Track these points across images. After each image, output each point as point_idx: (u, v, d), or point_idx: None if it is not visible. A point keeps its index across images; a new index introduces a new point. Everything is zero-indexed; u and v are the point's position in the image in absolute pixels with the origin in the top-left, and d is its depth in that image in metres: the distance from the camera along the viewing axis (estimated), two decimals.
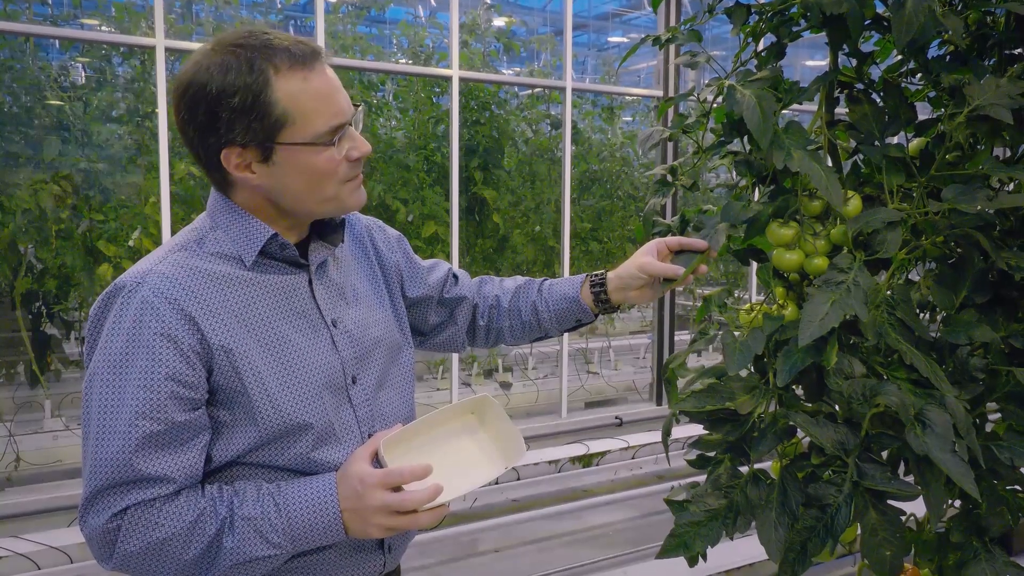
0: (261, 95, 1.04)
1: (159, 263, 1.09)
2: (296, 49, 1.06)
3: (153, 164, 3.93)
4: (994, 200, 1.12)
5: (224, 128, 1.05)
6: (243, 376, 1.08)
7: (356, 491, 1.07)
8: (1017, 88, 1.12)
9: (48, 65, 4.02)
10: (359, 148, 1.13)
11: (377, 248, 1.35)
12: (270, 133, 1.05)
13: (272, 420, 1.09)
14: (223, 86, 1.03)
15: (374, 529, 1.08)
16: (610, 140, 5.76)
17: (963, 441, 1.04)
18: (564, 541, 3.65)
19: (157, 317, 1.04)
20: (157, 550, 1.03)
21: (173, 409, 1.03)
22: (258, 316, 1.11)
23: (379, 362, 1.25)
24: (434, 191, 4.79)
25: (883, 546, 1.06)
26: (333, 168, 1.10)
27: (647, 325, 6.86)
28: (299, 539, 1.07)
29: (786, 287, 1.31)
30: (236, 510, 1.06)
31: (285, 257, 1.15)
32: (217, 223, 1.14)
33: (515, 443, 1.21)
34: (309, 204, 1.13)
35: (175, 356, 1.04)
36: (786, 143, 1.15)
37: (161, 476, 1.03)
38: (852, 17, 1.16)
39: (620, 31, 9.59)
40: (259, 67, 1.04)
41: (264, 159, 1.07)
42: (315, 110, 1.06)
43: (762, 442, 1.16)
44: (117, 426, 1.02)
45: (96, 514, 1.03)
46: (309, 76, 1.06)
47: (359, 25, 5.06)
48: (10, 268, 3.87)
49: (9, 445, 3.82)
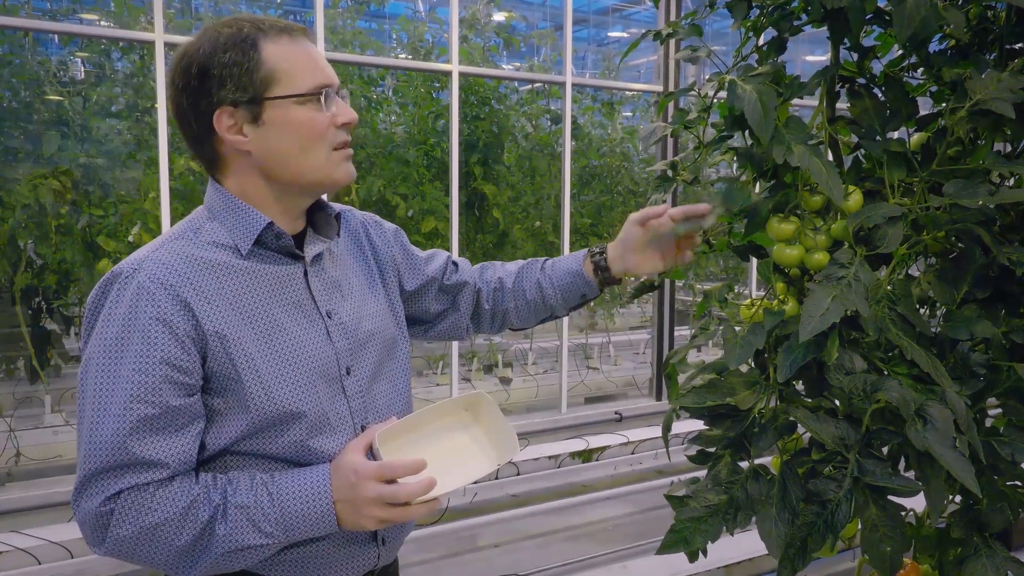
0: (251, 51, 1.10)
1: (156, 251, 1.10)
2: (282, 23, 1.14)
3: (153, 159, 3.93)
4: (995, 195, 1.12)
5: (216, 86, 1.10)
6: (236, 362, 1.08)
7: (350, 482, 1.08)
8: (1018, 82, 1.12)
9: (47, 60, 4.01)
10: (345, 114, 1.15)
11: (372, 243, 1.35)
12: (260, 89, 1.10)
13: (265, 407, 1.09)
14: (215, 47, 1.10)
15: (367, 520, 1.09)
16: (610, 135, 5.75)
17: (964, 437, 1.04)
18: (564, 536, 3.66)
19: (153, 302, 1.05)
20: (149, 535, 1.03)
21: (168, 393, 1.04)
22: (253, 304, 1.12)
23: (373, 355, 1.25)
24: (434, 186, 4.78)
25: (883, 542, 1.06)
26: (322, 129, 1.13)
27: (647, 320, 6.86)
28: (292, 529, 1.08)
29: (787, 282, 1.31)
30: (230, 498, 1.06)
31: (281, 247, 1.16)
32: (214, 214, 1.16)
33: (509, 440, 1.21)
34: (300, 170, 1.14)
35: (170, 340, 1.05)
36: (787, 138, 1.15)
37: (155, 460, 1.04)
38: (853, 11, 1.16)
39: (620, 26, 9.58)
40: (248, 31, 1.11)
41: (254, 119, 1.11)
42: (301, 68, 1.12)
43: (762, 438, 1.16)
44: (112, 409, 1.03)
45: (89, 497, 1.04)
46: (292, 41, 1.13)
47: (359, 20, 5.05)
48: (10, 263, 3.87)
49: (9, 440, 3.83)
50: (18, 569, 2.81)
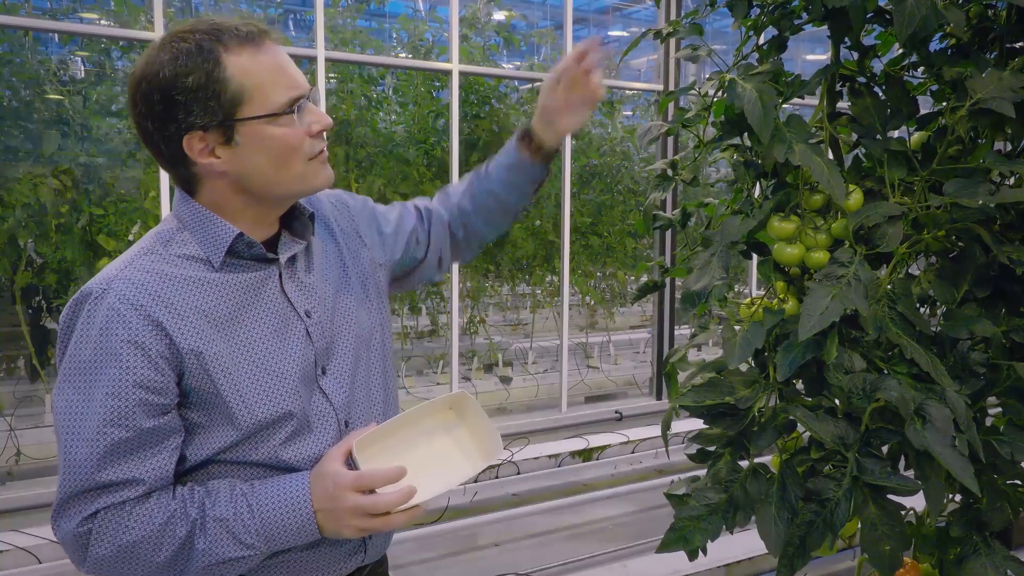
0: (214, 72, 1.04)
1: (125, 268, 1.08)
2: (243, 27, 1.07)
3: (152, 158, 3.93)
4: (996, 194, 1.12)
5: (182, 113, 1.05)
6: (215, 378, 1.07)
7: (329, 492, 1.08)
8: (1019, 81, 1.12)
9: (47, 59, 4.01)
10: (321, 121, 1.11)
11: (342, 228, 1.31)
12: (229, 111, 1.05)
13: (247, 419, 1.09)
14: (175, 71, 1.04)
15: (347, 530, 1.09)
16: (610, 134, 5.75)
17: (963, 436, 1.04)
18: (564, 535, 3.66)
19: (124, 324, 1.03)
20: (128, 553, 1.03)
21: (141, 416, 1.03)
22: (228, 316, 1.10)
23: (350, 349, 1.23)
24: (434, 185, 4.78)
25: (883, 540, 1.06)
26: (297, 142, 1.09)
27: (647, 320, 6.86)
28: (273, 539, 1.07)
29: (787, 281, 1.31)
30: (208, 511, 1.06)
31: (253, 255, 1.14)
32: (184, 224, 1.13)
33: (492, 440, 1.20)
34: (278, 185, 1.11)
35: (143, 363, 1.03)
36: (787, 136, 1.15)
37: (131, 479, 1.03)
38: (854, 10, 1.16)
39: (621, 25, 9.58)
40: (208, 47, 1.05)
41: (227, 140, 1.07)
42: (270, 82, 1.07)
43: (762, 436, 1.16)
44: (85, 433, 1.02)
45: (68, 519, 1.04)
46: (258, 51, 1.07)
47: (359, 19, 5.04)
48: (10, 263, 3.87)
49: (10, 439, 3.83)
50: (19, 568, 2.81)
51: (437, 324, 5.60)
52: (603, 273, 5.91)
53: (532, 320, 6.12)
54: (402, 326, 5.43)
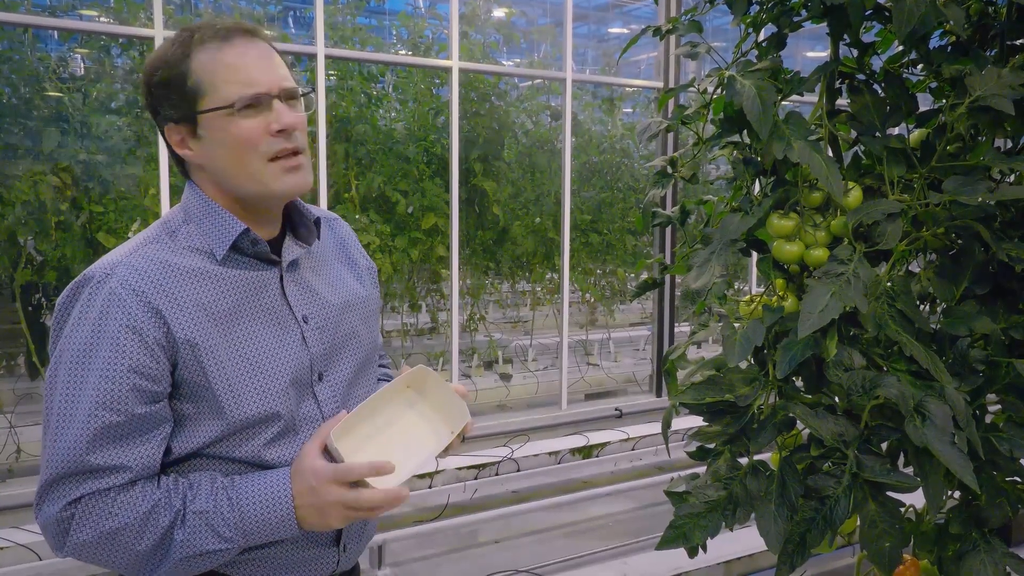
0: (178, 67, 1.09)
1: (130, 255, 1.09)
2: (221, 24, 1.11)
3: (152, 155, 3.92)
4: (995, 192, 1.12)
5: (158, 103, 1.11)
6: (208, 371, 1.08)
7: (310, 486, 1.08)
8: (1019, 79, 1.12)
9: (47, 56, 4.00)
10: (279, 120, 1.10)
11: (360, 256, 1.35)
12: (190, 104, 1.09)
13: (235, 415, 1.09)
14: (153, 64, 1.11)
15: (335, 520, 1.10)
16: (610, 132, 5.74)
17: (962, 433, 1.04)
18: (564, 532, 3.66)
19: (123, 309, 1.04)
20: (110, 540, 1.04)
21: (134, 401, 1.04)
22: (226, 311, 1.11)
23: (353, 358, 1.24)
24: (434, 182, 4.77)
25: (882, 537, 1.06)
26: (252, 139, 1.09)
27: (647, 317, 6.86)
28: (251, 533, 1.08)
29: (786, 278, 1.31)
30: (189, 504, 1.06)
31: (256, 253, 1.15)
32: (190, 216, 1.15)
33: (457, 408, 1.22)
34: (237, 180, 1.12)
35: (139, 349, 1.04)
36: (786, 133, 1.15)
37: (117, 465, 1.04)
38: (853, 7, 1.16)
39: (620, 22, 9.57)
40: (183, 41, 1.10)
41: (193, 133, 1.11)
42: (225, 79, 1.08)
43: (762, 434, 1.16)
44: (77, 415, 1.03)
45: (51, 503, 1.04)
46: (222, 47, 1.09)
47: (359, 16, 5.03)
48: (10, 260, 3.87)
49: (10, 436, 3.83)
50: (19, 564, 2.82)
51: (437, 321, 5.60)
52: (603, 270, 5.91)
53: (532, 317, 6.12)
54: (402, 323, 5.43)
